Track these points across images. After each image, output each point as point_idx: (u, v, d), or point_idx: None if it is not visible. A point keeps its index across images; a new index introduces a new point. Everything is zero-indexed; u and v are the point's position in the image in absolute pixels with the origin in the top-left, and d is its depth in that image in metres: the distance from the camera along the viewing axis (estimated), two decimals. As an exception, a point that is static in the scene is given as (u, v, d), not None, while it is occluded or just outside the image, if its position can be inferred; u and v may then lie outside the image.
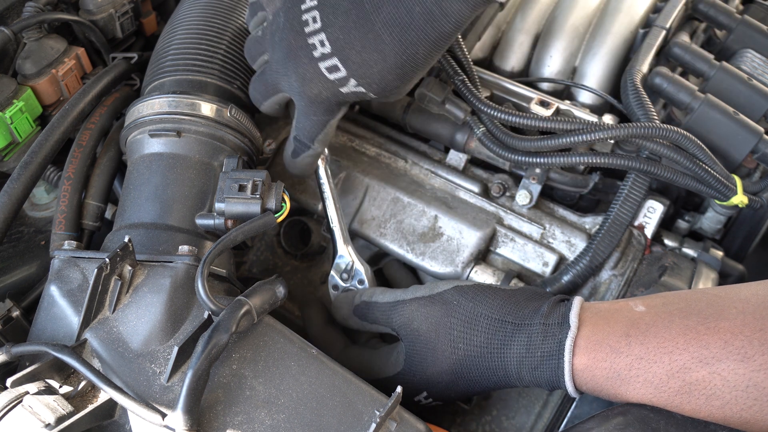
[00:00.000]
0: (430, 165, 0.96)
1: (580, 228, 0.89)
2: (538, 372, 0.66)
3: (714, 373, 0.58)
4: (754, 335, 0.58)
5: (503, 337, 0.68)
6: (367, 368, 0.77)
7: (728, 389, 0.58)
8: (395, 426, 0.61)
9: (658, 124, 0.80)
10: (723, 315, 0.61)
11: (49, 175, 0.88)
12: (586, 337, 0.65)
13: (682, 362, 0.60)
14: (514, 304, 0.71)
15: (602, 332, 0.64)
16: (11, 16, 0.87)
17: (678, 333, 0.61)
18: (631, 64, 0.91)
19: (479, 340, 0.69)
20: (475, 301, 0.72)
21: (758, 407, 0.57)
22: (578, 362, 0.64)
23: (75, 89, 0.87)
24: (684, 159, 0.81)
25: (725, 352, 0.58)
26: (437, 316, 0.72)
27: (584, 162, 0.82)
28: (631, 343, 0.62)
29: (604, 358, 0.63)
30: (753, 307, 0.60)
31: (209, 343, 0.59)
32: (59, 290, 0.68)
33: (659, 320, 0.63)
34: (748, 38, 0.97)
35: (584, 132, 0.80)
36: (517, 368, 0.68)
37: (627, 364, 0.62)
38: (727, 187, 0.81)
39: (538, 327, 0.67)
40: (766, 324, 0.58)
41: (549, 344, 0.66)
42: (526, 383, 0.68)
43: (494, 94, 0.95)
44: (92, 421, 0.60)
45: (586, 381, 0.65)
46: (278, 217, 0.74)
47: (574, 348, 0.64)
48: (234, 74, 0.85)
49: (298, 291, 0.96)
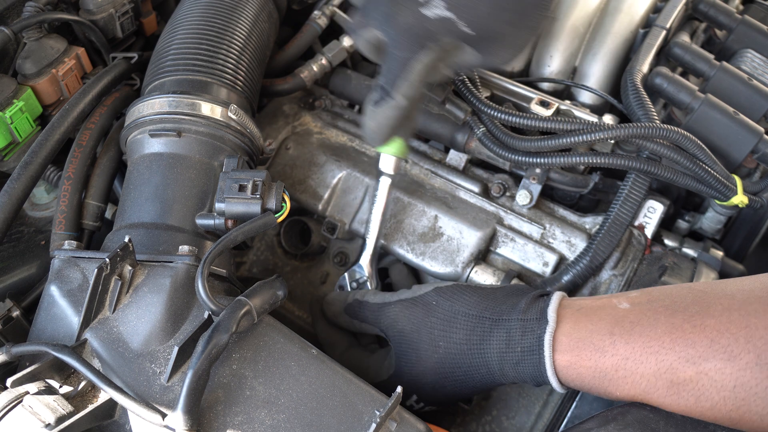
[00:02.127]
0: (430, 165, 0.96)
1: (581, 228, 0.89)
2: (520, 367, 0.66)
3: (701, 373, 0.58)
4: (740, 332, 0.58)
5: (482, 333, 0.69)
6: (365, 372, 0.77)
7: (716, 390, 0.58)
8: (395, 426, 0.61)
9: (658, 125, 0.80)
10: (709, 312, 0.60)
11: (49, 175, 0.88)
12: (568, 333, 0.64)
13: (669, 362, 0.59)
14: (492, 301, 0.71)
15: (585, 330, 0.64)
16: (11, 16, 0.87)
17: (664, 332, 0.60)
18: (631, 64, 0.91)
19: (458, 338, 0.70)
20: (453, 300, 0.72)
21: (746, 408, 0.57)
22: (561, 359, 0.64)
23: (75, 89, 0.87)
24: (684, 159, 0.81)
25: (711, 351, 0.58)
26: (419, 317, 0.73)
27: (584, 162, 0.82)
28: (615, 342, 0.62)
29: (589, 357, 0.63)
30: (738, 303, 0.60)
31: (209, 343, 0.59)
32: (59, 290, 0.68)
33: (644, 318, 0.62)
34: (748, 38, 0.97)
35: (584, 132, 0.80)
36: (499, 364, 0.67)
37: (613, 365, 0.62)
38: (728, 187, 0.81)
39: (517, 323, 0.67)
40: (752, 320, 0.58)
41: (528, 340, 0.66)
42: (511, 379, 0.68)
43: (494, 94, 0.96)
44: (92, 421, 0.60)
45: (572, 378, 0.64)
46: (278, 217, 0.74)
47: (556, 344, 0.64)
48: (234, 74, 0.85)
49: (298, 291, 0.96)
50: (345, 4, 1.09)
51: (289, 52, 1.04)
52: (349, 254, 0.95)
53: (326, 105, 1.05)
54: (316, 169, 0.96)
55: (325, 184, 0.95)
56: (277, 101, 1.04)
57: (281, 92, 1.00)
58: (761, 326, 0.57)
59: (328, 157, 0.96)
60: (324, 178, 0.95)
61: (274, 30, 0.99)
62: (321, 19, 1.04)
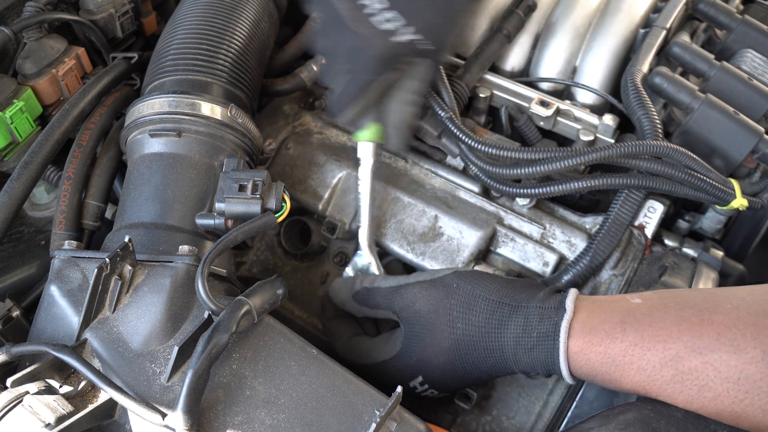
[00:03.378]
0: (430, 165, 0.96)
1: (581, 228, 0.89)
2: (534, 353, 0.68)
3: (706, 363, 0.60)
4: (747, 329, 0.59)
5: (501, 317, 0.70)
6: (367, 353, 0.78)
7: (720, 380, 0.59)
8: (395, 426, 0.61)
9: (644, 142, 0.80)
10: (717, 309, 0.62)
11: (49, 175, 0.88)
12: (582, 321, 0.66)
13: (675, 351, 0.61)
14: (511, 289, 0.73)
15: (598, 318, 0.66)
16: (11, 16, 0.87)
17: (672, 323, 0.62)
18: (631, 64, 0.91)
19: (477, 320, 0.71)
20: (474, 284, 0.73)
21: (749, 401, 0.58)
22: (573, 345, 0.66)
23: (75, 89, 0.87)
24: (678, 172, 0.81)
25: (718, 344, 0.60)
26: (438, 297, 0.73)
27: (580, 189, 0.83)
28: (626, 329, 0.64)
29: (599, 342, 0.64)
30: (747, 304, 0.62)
31: (209, 343, 0.59)
32: (59, 290, 0.68)
33: (655, 311, 0.64)
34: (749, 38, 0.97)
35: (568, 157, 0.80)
36: (514, 349, 0.69)
37: (621, 350, 0.63)
38: (726, 192, 0.81)
39: (535, 309, 0.69)
40: (760, 320, 0.60)
41: (545, 326, 0.67)
42: (522, 366, 0.69)
43: (494, 94, 0.96)
44: (92, 421, 0.60)
45: (581, 365, 0.66)
46: (278, 217, 0.74)
47: (570, 331, 0.66)
48: (234, 74, 0.85)
49: (298, 291, 0.96)
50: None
51: (289, 52, 1.04)
52: (349, 254, 0.95)
53: (326, 105, 1.05)
54: (316, 169, 0.96)
55: (325, 184, 0.95)
56: (277, 101, 1.04)
57: (281, 92, 1.00)
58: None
59: (328, 157, 0.96)
60: (324, 178, 0.95)
61: (274, 30, 0.99)
62: (321, 19, 1.04)
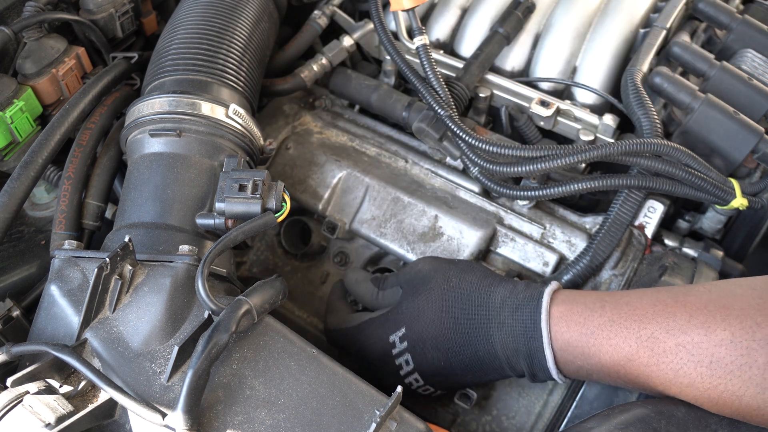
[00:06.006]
0: (430, 165, 0.96)
1: (581, 228, 0.89)
2: (518, 314, 0.72)
3: (680, 345, 0.62)
4: (718, 311, 0.62)
5: (492, 282, 0.77)
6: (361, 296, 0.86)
7: (693, 365, 0.61)
8: (395, 426, 0.61)
9: (644, 140, 0.80)
10: (691, 292, 0.67)
11: (50, 175, 0.88)
12: (565, 294, 0.73)
13: (651, 331, 0.64)
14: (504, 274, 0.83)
15: (580, 295, 0.72)
16: (11, 16, 0.87)
17: (648, 303, 0.67)
18: (631, 64, 0.91)
19: (470, 279, 0.78)
20: (471, 261, 0.83)
21: (724, 386, 0.60)
22: (555, 311, 0.71)
23: (75, 89, 0.87)
24: (678, 171, 0.81)
25: (690, 325, 0.62)
26: (440, 262, 0.81)
27: (580, 190, 0.83)
28: (605, 306, 0.69)
29: (580, 312, 0.69)
30: (719, 290, 0.66)
31: (209, 343, 0.59)
32: (59, 290, 0.68)
33: (633, 294, 0.70)
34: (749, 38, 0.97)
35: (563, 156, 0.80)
36: (500, 306, 0.74)
37: (600, 324, 0.68)
38: (726, 192, 0.81)
39: (523, 284, 0.76)
40: (729, 301, 0.63)
41: (530, 291, 0.74)
42: (507, 327, 0.72)
43: (494, 94, 0.95)
44: (92, 421, 0.60)
45: (561, 332, 0.69)
46: (278, 216, 0.74)
47: (552, 299, 0.72)
48: (235, 74, 0.85)
49: (298, 291, 0.96)
50: (345, 4, 1.09)
51: (289, 52, 1.04)
52: (349, 254, 0.95)
53: (326, 105, 1.05)
54: (316, 168, 0.96)
55: (325, 183, 0.95)
56: (277, 101, 1.04)
57: (281, 92, 1.00)
58: (737, 307, 0.62)
59: (328, 157, 0.96)
60: (324, 177, 0.95)
61: (274, 30, 0.99)
62: (321, 19, 1.04)
